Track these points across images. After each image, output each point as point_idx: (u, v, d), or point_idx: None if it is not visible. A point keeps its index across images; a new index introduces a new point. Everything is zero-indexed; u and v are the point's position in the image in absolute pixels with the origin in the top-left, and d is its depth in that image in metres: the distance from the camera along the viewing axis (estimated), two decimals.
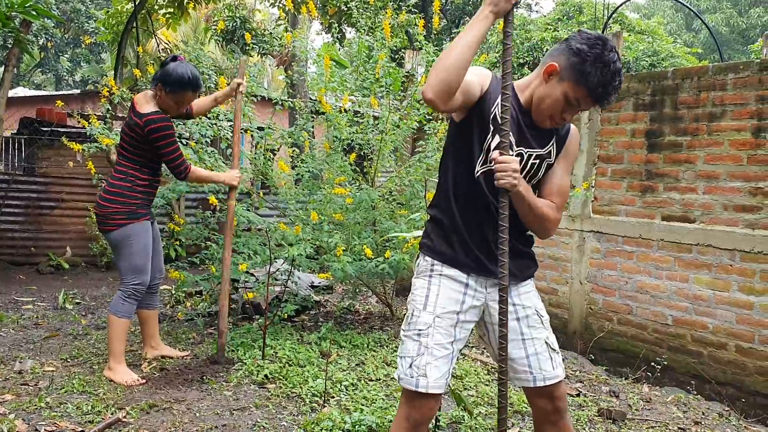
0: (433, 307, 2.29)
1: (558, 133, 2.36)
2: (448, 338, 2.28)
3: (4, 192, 7.96)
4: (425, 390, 2.22)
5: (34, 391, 3.64)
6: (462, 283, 2.33)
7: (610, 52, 2.14)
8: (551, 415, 2.40)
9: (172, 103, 3.98)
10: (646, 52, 13.92)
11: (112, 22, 10.42)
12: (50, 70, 29.71)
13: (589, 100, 2.20)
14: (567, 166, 2.40)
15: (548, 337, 2.39)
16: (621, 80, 2.17)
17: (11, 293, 6.47)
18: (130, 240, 3.92)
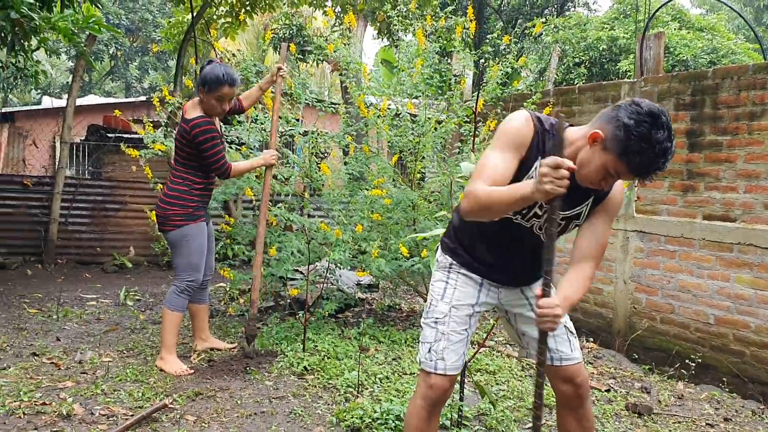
0: (450, 298, 2.48)
1: (596, 192, 2.34)
2: (463, 326, 2.48)
3: (73, 195, 8.42)
4: (443, 372, 2.42)
5: (92, 379, 3.94)
6: (477, 282, 2.52)
7: (659, 131, 2.05)
8: (572, 400, 2.53)
9: (214, 102, 4.17)
10: (705, 50, 13.61)
11: (174, 32, 10.86)
12: (120, 77, 30.87)
13: (630, 176, 2.14)
14: (608, 220, 2.39)
15: (566, 321, 2.52)
16: (666, 160, 2.08)
17: (77, 290, 6.88)
18: (187, 239, 4.19)
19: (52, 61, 26.29)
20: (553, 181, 1.97)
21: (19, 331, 5.06)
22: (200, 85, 4.17)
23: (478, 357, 4.60)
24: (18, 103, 25.80)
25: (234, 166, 4.28)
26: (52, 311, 5.75)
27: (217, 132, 4.21)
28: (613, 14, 16.33)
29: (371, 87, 5.45)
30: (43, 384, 3.81)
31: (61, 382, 3.85)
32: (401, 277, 5.52)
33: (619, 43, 14.44)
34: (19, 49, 5.90)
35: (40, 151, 12.61)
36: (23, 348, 4.57)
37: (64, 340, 4.86)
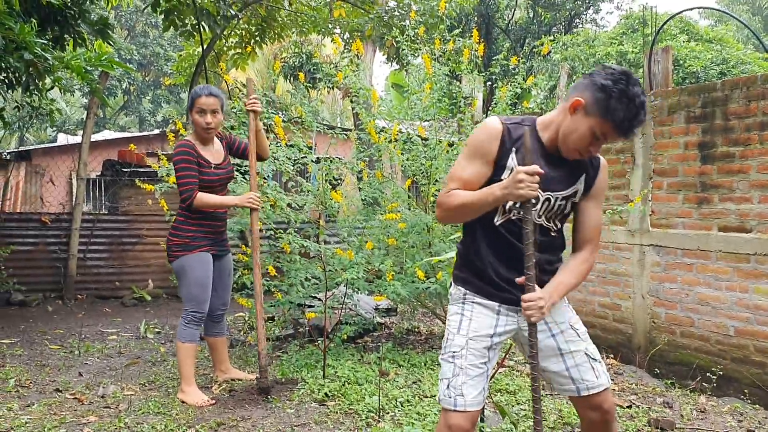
0: (466, 330, 2.41)
1: (589, 167, 2.44)
2: (481, 359, 2.39)
3: (90, 231, 8.52)
4: (463, 408, 2.33)
5: (115, 413, 3.97)
6: (494, 309, 2.45)
7: (634, 87, 2.19)
8: (599, 426, 2.49)
9: (197, 117, 4.16)
10: (714, 61, 13.61)
11: (185, 66, 11.04)
12: (133, 112, 31.31)
13: (616, 134, 2.25)
14: (598, 202, 2.48)
15: (587, 348, 2.47)
16: (646, 113, 2.23)
17: (98, 325, 6.94)
18: (185, 270, 4.20)
19: (67, 99, 26.69)
20: (530, 186, 2.17)
21: (42, 367, 5.11)
22: (187, 110, 4.26)
23: (498, 377, 4.59)
24: (34, 141, 26.20)
25: (200, 196, 4.12)
26: (74, 347, 5.80)
27: (191, 157, 4.12)
28: (621, 29, 16.40)
29: (381, 112, 5.50)
30: (66, 419, 3.84)
31: (84, 417, 3.89)
32: (419, 300, 5.53)
33: (628, 58, 14.48)
34: (34, 88, 6.04)
35: (57, 187, 12.77)
36: (46, 384, 4.62)
37: (86, 375, 4.90)
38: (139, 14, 26.54)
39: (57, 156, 13.40)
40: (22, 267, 8.18)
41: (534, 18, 19.88)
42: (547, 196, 2.38)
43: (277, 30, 9.62)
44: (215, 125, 4.23)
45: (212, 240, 4.33)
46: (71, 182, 12.78)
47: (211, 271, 4.30)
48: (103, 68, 6.18)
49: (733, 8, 33.64)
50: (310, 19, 9.98)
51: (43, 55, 5.23)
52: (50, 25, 6.17)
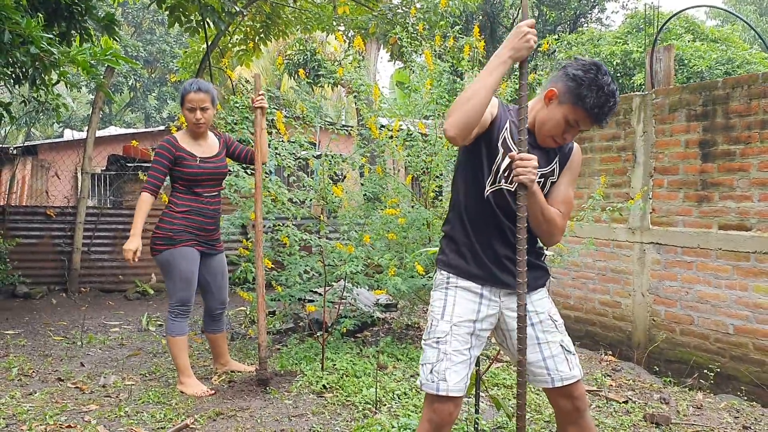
0: (450, 316, 2.44)
1: (561, 151, 2.54)
2: (465, 345, 2.42)
3: (94, 224, 8.57)
4: (446, 393, 2.36)
5: (115, 402, 4.01)
6: (477, 293, 2.47)
7: (603, 76, 2.32)
8: (572, 414, 2.52)
9: (187, 114, 4.20)
10: (719, 61, 13.60)
11: (190, 62, 11.08)
12: (139, 108, 31.43)
13: (588, 121, 2.37)
14: (571, 179, 2.56)
15: (563, 340, 2.51)
16: (616, 101, 2.35)
17: (101, 317, 7.00)
18: (169, 264, 4.17)
19: (73, 94, 26.79)
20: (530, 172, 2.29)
21: (45, 357, 5.16)
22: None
23: (495, 371, 4.62)
24: (40, 137, 26.31)
25: (141, 198, 4.19)
26: (77, 338, 5.85)
27: (166, 153, 4.16)
28: (626, 29, 16.37)
29: (383, 108, 5.54)
30: (68, 407, 3.89)
31: (85, 406, 3.93)
32: (418, 296, 5.56)
33: (633, 57, 14.47)
34: (41, 83, 6.07)
35: (63, 182, 12.85)
36: (49, 374, 4.67)
37: (88, 365, 4.95)
38: (145, 11, 26.64)
39: (63, 151, 13.49)
40: (27, 260, 8.25)
41: (539, 17, 19.87)
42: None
43: (281, 27, 9.65)
44: (205, 121, 4.23)
45: (197, 236, 4.27)
46: (76, 177, 12.85)
47: (196, 266, 4.25)
48: (109, 63, 6.23)
49: (739, 8, 33.55)
50: (314, 16, 10.01)
51: (49, 50, 5.27)
52: (57, 20, 6.20)
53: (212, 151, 4.36)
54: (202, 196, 4.27)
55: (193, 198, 4.24)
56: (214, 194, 4.35)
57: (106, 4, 9.22)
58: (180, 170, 4.20)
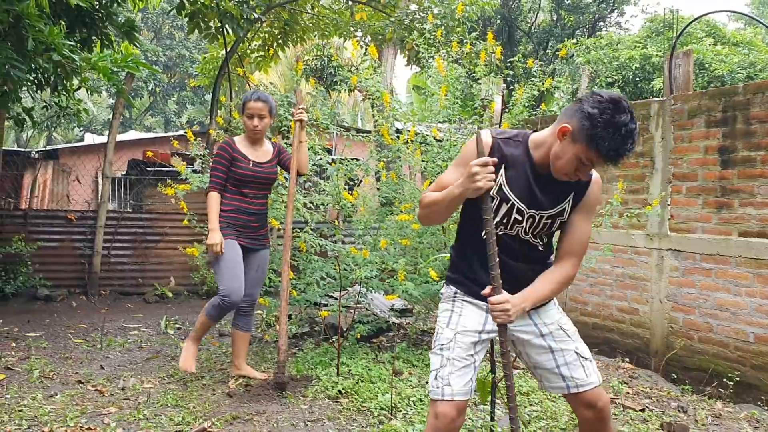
0: (455, 325, 2.51)
1: (578, 185, 2.45)
2: (468, 352, 2.48)
3: (115, 228, 8.66)
4: (450, 398, 2.39)
5: (134, 405, 4.06)
6: (483, 308, 2.52)
7: (621, 115, 2.18)
8: (594, 422, 2.52)
9: (246, 120, 4.50)
10: (741, 65, 13.47)
11: (209, 68, 11.18)
12: (159, 113, 31.69)
13: (602, 162, 2.26)
14: (588, 215, 2.51)
15: (578, 347, 2.53)
16: (634, 141, 2.22)
17: (120, 320, 7.06)
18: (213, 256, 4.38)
19: (94, 99, 27.09)
20: (485, 177, 2.26)
21: (65, 360, 5.23)
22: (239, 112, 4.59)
23: None
24: (62, 141, 26.63)
25: (211, 195, 4.43)
26: (97, 340, 5.92)
27: (226, 154, 4.46)
28: (646, 33, 16.27)
29: (397, 113, 5.55)
30: (87, 410, 3.94)
31: (104, 408, 3.98)
32: (434, 301, 5.56)
33: (652, 62, 14.37)
34: (62, 89, 6.16)
35: (83, 186, 12.99)
36: (69, 376, 4.72)
37: (107, 368, 5.01)
38: (165, 17, 26.88)
39: (83, 155, 13.64)
40: (48, 263, 8.34)
41: (557, 21, 19.82)
42: (531, 213, 2.44)
43: (299, 33, 9.70)
44: (262, 128, 4.52)
45: (240, 232, 4.50)
46: (97, 181, 13.00)
47: (240, 256, 4.43)
48: (129, 69, 6.29)
49: (763, 11, 33.20)
50: (331, 22, 10.06)
51: (71, 56, 5.34)
52: (78, 27, 6.30)
53: (266, 157, 4.64)
54: (248, 197, 4.54)
55: (241, 198, 4.51)
56: (260, 196, 4.63)
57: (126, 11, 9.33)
58: (233, 171, 4.48)
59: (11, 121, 7.16)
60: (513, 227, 2.45)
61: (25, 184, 13.00)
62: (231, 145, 4.51)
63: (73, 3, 4.97)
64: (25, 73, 5.14)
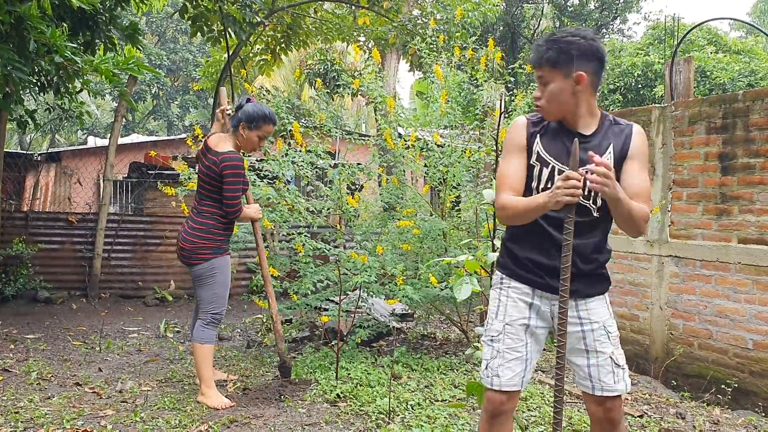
0: (503, 316, 2.54)
1: (616, 136, 2.48)
2: (519, 342, 2.51)
3: (115, 231, 8.67)
4: (498, 388, 2.49)
5: (131, 408, 4.05)
6: (528, 293, 2.54)
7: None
8: (604, 424, 2.54)
9: (255, 139, 4.33)
10: (742, 73, 13.49)
11: (211, 71, 11.19)
12: (162, 116, 31.71)
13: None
14: (640, 164, 2.48)
15: (614, 352, 2.50)
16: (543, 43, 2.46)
17: (120, 323, 7.07)
18: (214, 272, 4.23)
19: (97, 102, 27.15)
20: (567, 192, 2.24)
21: (64, 362, 5.23)
22: (243, 121, 4.28)
23: None
24: (65, 143, 26.66)
25: (243, 214, 4.35)
26: (95, 343, 5.92)
27: (243, 171, 4.28)
28: (648, 40, 16.30)
29: (399, 119, 5.56)
30: (85, 412, 3.93)
31: (102, 411, 3.97)
32: (434, 306, 5.56)
33: (654, 69, 14.39)
34: (65, 91, 6.17)
35: (85, 188, 12.99)
36: (67, 378, 4.72)
37: (106, 370, 5.00)
38: (169, 20, 26.95)
39: (86, 158, 13.65)
40: (49, 265, 8.35)
41: (560, 28, 19.81)
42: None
43: (302, 37, 9.71)
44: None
45: (229, 242, 4.46)
46: (98, 183, 13.01)
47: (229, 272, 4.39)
48: (131, 72, 6.30)
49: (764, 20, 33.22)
50: (334, 27, 10.07)
51: (73, 59, 5.34)
52: (82, 29, 6.30)
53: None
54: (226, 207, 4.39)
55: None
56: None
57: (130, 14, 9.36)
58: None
59: (14, 123, 7.17)
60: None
61: (26, 186, 13.02)
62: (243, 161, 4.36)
63: (76, 5, 4.98)
64: (27, 74, 5.14)
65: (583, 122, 2.48)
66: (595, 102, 2.51)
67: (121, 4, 6.45)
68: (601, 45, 2.46)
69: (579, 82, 2.39)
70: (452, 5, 9.86)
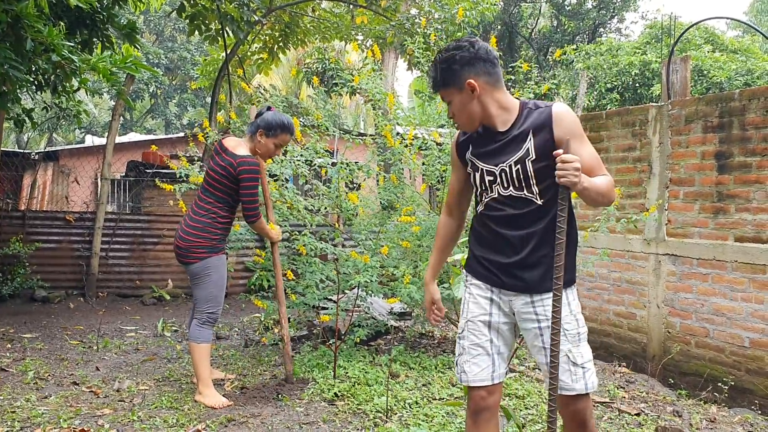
0: (466, 313, 2.61)
1: (533, 125, 2.44)
2: (483, 338, 2.55)
3: (113, 230, 8.66)
4: (467, 383, 2.55)
5: (129, 407, 4.05)
6: (487, 290, 2.57)
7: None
8: (570, 423, 2.52)
9: (272, 147, 4.35)
10: (739, 72, 13.50)
11: (209, 70, 11.20)
12: (160, 115, 31.69)
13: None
14: (578, 143, 2.40)
15: (570, 350, 2.45)
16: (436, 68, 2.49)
17: (117, 322, 7.07)
18: (209, 271, 4.23)
19: (95, 101, 27.12)
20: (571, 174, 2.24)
21: (61, 361, 5.23)
22: (262, 128, 4.29)
23: (507, 382, 4.61)
24: (62, 142, 26.63)
25: (261, 220, 4.38)
26: (93, 342, 5.92)
27: (260, 176, 4.33)
28: (645, 39, 16.31)
29: (398, 117, 5.57)
30: (82, 411, 3.93)
31: (99, 410, 3.98)
32: None
33: (651, 68, 14.41)
34: (62, 90, 6.16)
35: (82, 187, 12.99)
36: (64, 377, 4.73)
37: (103, 369, 5.01)
38: (167, 19, 26.92)
39: (83, 157, 13.65)
40: (46, 264, 8.34)
41: (558, 27, 19.85)
42: (501, 168, 2.46)
43: (300, 36, 9.72)
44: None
45: (225, 242, 4.48)
46: (96, 182, 13.00)
47: (226, 271, 4.40)
48: (128, 71, 6.30)
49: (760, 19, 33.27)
50: (332, 26, 10.07)
51: (71, 57, 5.34)
52: (79, 28, 6.30)
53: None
54: (235, 208, 4.46)
55: (232, 210, 4.40)
56: None
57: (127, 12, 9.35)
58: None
59: (11, 122, 7.16)
60: (492, 188, 2.50)
61: (24, 185, 13.01)
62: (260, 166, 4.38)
63: (73, 4, 4.97)
64: (24, 73, 5.14)
65: (499, 120, 2.48)
66: (505, 96, 2.49)
67: (118, 3, 6.45)
68: (481, 45, 2.45)
69: (473, 90, 2.42)
70: (450, 4, 9.87)
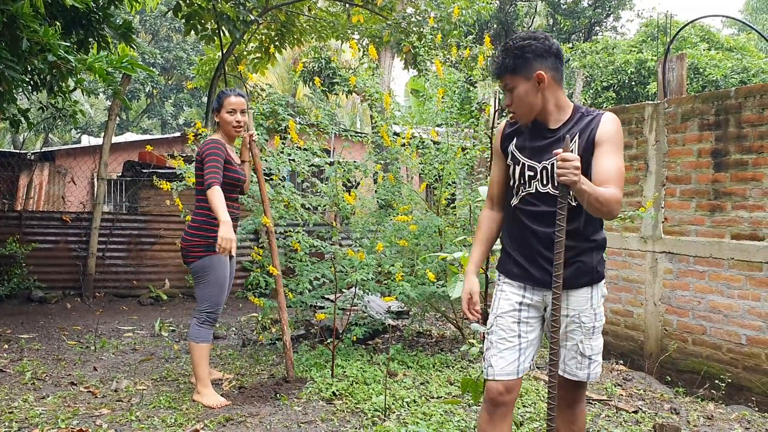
0: (496, 309, 2.66)
1: (581, 125, 2.50)
2: (511, 333, 2.60)
3: (110, 230, 8.65)
4: (492, 378, 2.59)
5: (127, 407, 4.05)
6: (518, 287, 2.62)
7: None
8: (562, 402, 2.68)
9: (227, 117, 4.27)
10: (735, 70, 13.54)
11: (205, 69, 11.17)
12: (156, 115, 31.64)
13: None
14: (609, 149, 2.46)
15: (582, 341, 2.60)
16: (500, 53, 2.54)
17: (114, 322, 7.06)
18: (206, 271, 4.18)
19: (91, 101, 27.07)
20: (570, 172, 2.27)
21: (58, 361, 5.22)
22: (214, 111, 4.36)
23: None
24: (58, 142, 26.57)
25: (215, 189, 3.99)
26: (90, 342, 5.91)
27: (221, 152, 4.16)
28: (641, 37, 16.34)
29: (395, 116, 5.57)
30: (80, 411, 3.93)
31: (97, 410, 3.97)
32: (430, 303, 5.57)
33: (647, 66, 14.44)
34: (58, 90, 6.15)
35: (79, 187, 12.97)
36: (62, 378, 4.72)
37: (101, 369, 5.00)
38: (162, 19, 26.88)
39: (79, 157, 13.61)
40: (43, 264, 8.33)
41: (554, 25, 19.86)
42: (543, 165, 2.53)
43: (296, 35, 9.71)
44: (244, 124, 4.37)
45: None
46: (93, 182, 12.98)
47: (227, 271, 4.32)
48: (124, 70, 6.29)
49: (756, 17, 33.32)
50: (329, 25, 10.07)
51: (66, 57, 5.33)
52: (75, 28, 6.29)
53: (238, 158, 4.51)
54: (236, 201, 4.43)
55: (229, 204, 4.16)
56: (237, 199, 4.52)
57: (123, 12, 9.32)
58: (226, 174, 4.21)
59: (7, 122, 7.15)
60: (531, 183, 2.54)
61: (20, 186, 12.97)
62: (222, 144, 4.23)
63: (69, 4, 4.97)
64: (19, 73, 5.14)
65: (553, 117, 2.54)
66: (563, 96, 2.55)
67: (114, 3, 6.44)
68: (554, 41, 2.52)
69: (541, 81, 2.46)
70: (446, 3, 9.87)
